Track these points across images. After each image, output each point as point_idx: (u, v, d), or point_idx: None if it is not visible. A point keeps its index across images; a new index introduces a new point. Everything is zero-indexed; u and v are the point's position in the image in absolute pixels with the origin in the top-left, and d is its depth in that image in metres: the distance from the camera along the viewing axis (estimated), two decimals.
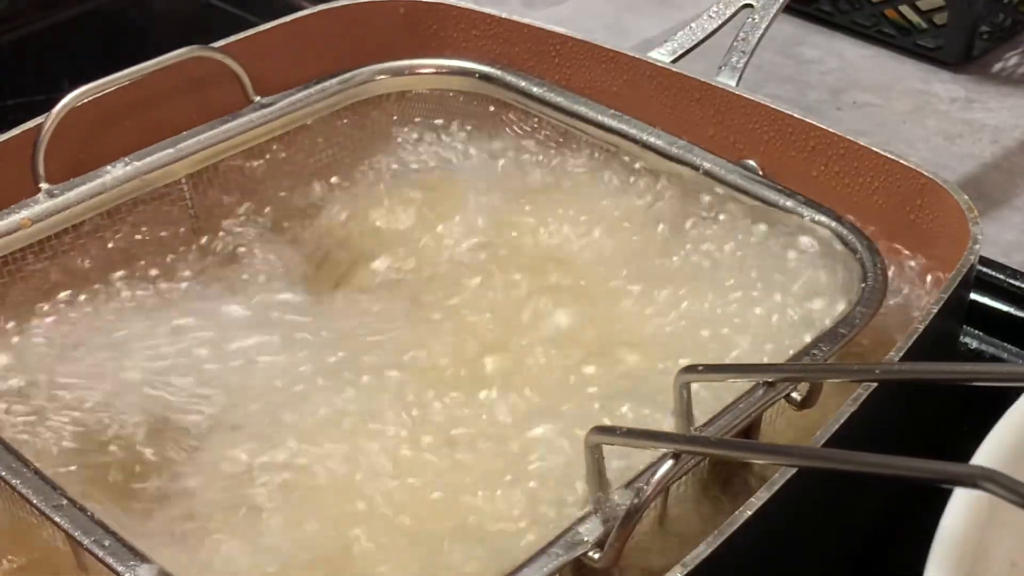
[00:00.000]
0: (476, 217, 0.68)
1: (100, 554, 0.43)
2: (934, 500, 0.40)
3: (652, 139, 0.68)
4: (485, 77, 0.73)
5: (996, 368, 0.51)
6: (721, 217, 0.65)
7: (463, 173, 0.71)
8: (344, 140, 0.72)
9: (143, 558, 0.43)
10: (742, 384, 0.49)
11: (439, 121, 0.74)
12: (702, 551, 0.43)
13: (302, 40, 0.74)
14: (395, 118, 0.74)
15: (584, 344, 0.60)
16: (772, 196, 0.64)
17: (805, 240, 0.62)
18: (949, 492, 0.39)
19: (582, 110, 0.70)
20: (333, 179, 0.71)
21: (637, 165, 0.68)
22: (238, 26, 0.73)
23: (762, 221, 0.64)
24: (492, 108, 0.73)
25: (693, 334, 0.59)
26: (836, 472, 0.37)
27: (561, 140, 0.71)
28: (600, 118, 0.69)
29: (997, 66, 0.97)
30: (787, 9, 0.74)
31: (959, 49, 0.95)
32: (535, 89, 0.72)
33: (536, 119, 0.72)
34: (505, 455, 0.54)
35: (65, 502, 0.45)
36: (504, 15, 0.75)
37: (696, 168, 0.66)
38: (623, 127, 0.69)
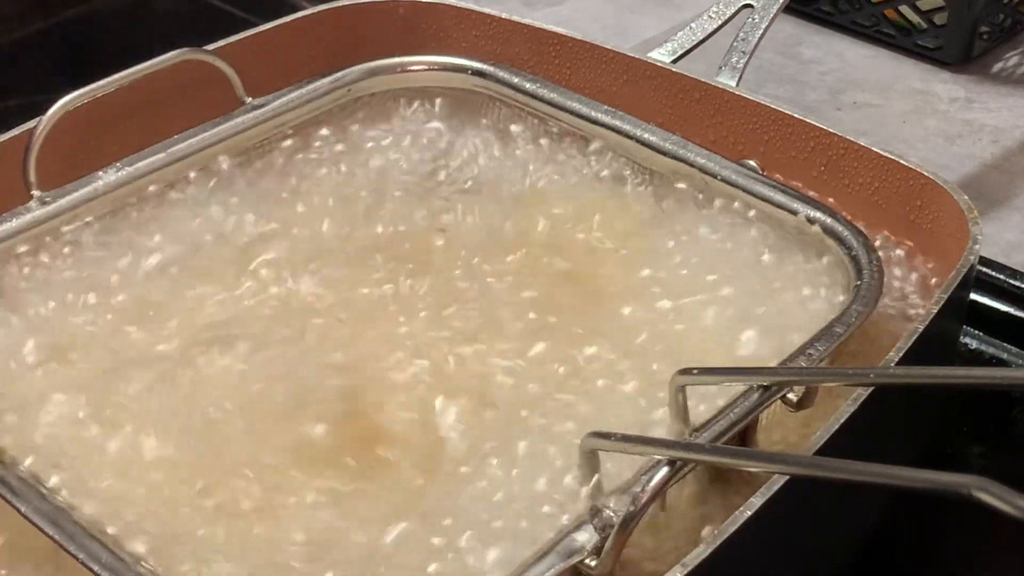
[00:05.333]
0: (470, 214, 0.68)
1: None
2: (930, 501, 0.40)
3: (647, 135, 0.67)
4: (478, 73, 0.73)
5: (991, 372, 0.51)
6: (715, 213, 0.65)
7: (458, 170, 0.71)
8: (336, 139, 0.72)
9: None
10: (738, 386, 0.49)
11: (432, 118, 0.73)
12: (702, 551, 0.43)
13: (301, 41, 0.74)
14: (387, 116, 0.74)
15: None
16: (766, 191, 0.63)
17: (800, 236, 0.62)
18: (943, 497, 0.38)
19: (576, 106, 0.70)
20: (328, 178, 0.71)
21: (630, 161, 0.68)
22: (241, 28, 0.73)
23: (756, 217, 0.63)
24: (486, 105, 0.73)
25: (688, 333, 0.59)
26: (828, 480, 0.37)
27: (555, 136, 0.71)
28: (594, 114, 0.69)
29: (997, 66, 0.96)
30: (787, 9, 0.74)
31: (959, 49, 0.95)
32: (528, 85, 0.71)
33: (530, 115, 0.71)
34: None
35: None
36: (504, 15, 0.75)
37: (691, 164, 0.65)
38: (617, 123, 0.68)
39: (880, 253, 0.59)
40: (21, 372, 0.57)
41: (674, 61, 0.71)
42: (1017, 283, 0.70)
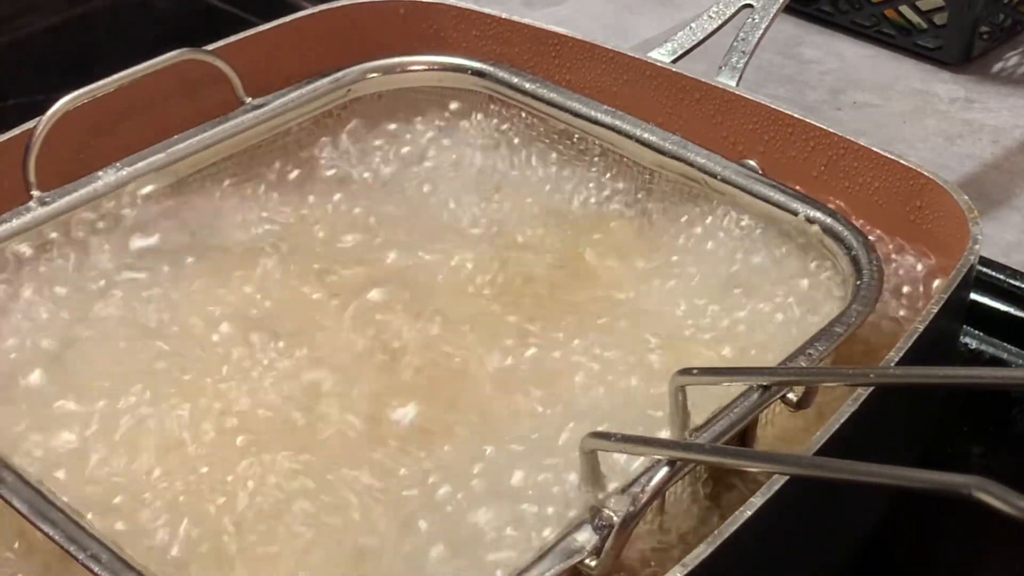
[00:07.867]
0: (474, 215, 0.68)
1: None
2: (930, 501, 0.40)
3: (647, 135, 0.67)
4: (478, 73, 0.73)
5: (990, 372, 0.51)
6: (715, 213, 0.65)
7: (459, 171, 0.71)
8: (336, 140, 0.72)
9: None
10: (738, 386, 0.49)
11: (432, 118, 0.73)
12: (702, 551, 0.43)
13: (301, 41, 0.74)
14: (388, 116, 0.74)
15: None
16: (765, 191, 0.63)
17: (799, 236, 0.62)
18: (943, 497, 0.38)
19: (576, 106, 0.70)
20: (329, 178, 0.71)
21: (630, 161, 0.68)
22: (241, 28, 0.73)
23: (756, 217, 0.63)
24: (486, 105, 0.73)
25: (687, 332, 0.59)
26: (828, 480, 0.37)
27: (556, 136, 0.71)
28: (594, 114, 0.69)
29: (997, 66, 0.96)
30: (787, 9, 0.74)
31: (959, 49, 0.95)
32: (528, 85, 0.71)
33: (530, 115, 0.71)
34: None
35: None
36: (504, 15, 0.75)
37: (691, 164, 0.65)
38: (617, 123, 0.68)
39: (880, 253, 0.59)
40: (21, 371, 0.57)
41: (674, 61, 0.71)
42: (1017, 283, 0.70)
